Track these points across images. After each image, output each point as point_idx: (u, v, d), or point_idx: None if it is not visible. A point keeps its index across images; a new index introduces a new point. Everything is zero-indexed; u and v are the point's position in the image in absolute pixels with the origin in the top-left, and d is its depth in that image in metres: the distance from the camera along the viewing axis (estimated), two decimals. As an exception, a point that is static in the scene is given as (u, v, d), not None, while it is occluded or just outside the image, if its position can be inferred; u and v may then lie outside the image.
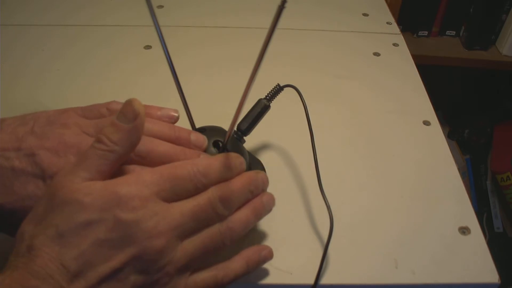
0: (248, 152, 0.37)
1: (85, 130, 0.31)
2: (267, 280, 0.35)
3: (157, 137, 0.32)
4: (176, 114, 0.35)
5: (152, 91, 0.52)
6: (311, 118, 0.40)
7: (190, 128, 0.37)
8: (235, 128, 0.35)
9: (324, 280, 0.35)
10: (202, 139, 0.34)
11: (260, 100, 0.39)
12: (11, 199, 0.29)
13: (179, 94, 0.35)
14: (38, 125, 0.31)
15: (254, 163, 0.39)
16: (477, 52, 1.07)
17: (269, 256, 0.33)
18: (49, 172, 0.29)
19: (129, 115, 0.28)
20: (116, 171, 0.29)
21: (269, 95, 0.39)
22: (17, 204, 0.30)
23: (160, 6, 0.68)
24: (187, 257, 0.28)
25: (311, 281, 0.34)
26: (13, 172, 0.30)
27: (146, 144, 0.31)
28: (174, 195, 0.28)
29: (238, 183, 0.31)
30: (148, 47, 0.59)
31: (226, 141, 0.34)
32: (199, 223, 0.29)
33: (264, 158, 0.44)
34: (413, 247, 0.37)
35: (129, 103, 0.28)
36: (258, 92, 0.38)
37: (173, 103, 0.38)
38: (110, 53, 0.58)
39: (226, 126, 0.34)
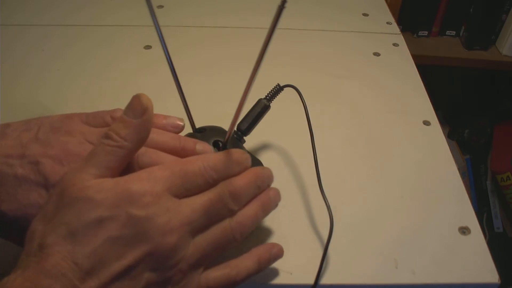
0: (248, 152, 0.37)
1: (89, 138, 0.31)
2: (267, 280, 0.35)
3: (163, 148, 0.32)
4: (181, 123, 0.35)
5: (152, 91, 0.51)
6: (311, 118, 0.40)
7: (190, 128, 0.37)
8: (235, 128, 0.35)
9: (324, 280, 0.35)
10: (208, 149, 0.33)
11: (260, 100, 0.39)
12: (13, 207, 0.29)
13: (179, 94, 0.35)
14: (43, 132, 0.31)
15: (254, 163, 0.39)
16: (477, 52, 1.07)
17: (280, 253, 0.33)
18: (52, 180, 0.29)
19: (137, 110, 0.28)
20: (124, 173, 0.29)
21: (269, 95, 0.39)
22: (19, 212, 0.29)
23: (160, 6, 0.68)
24: (199, 253, 0.28)
25: (311, 281, 0.34)
26: (16, 180, 0.29)
27: (152, 156, 0.30)
28: (185, 190, 0.28)
29: (246, 178, 0.31)
30: (148, 47, 0.59)
31: (226, 141, 0.34)
32: (210, 218, 0.29)
33: (264, 158, 0.44)
34: (413, 247, 0.37)
35: (137, 97, 0.28)
36: (258, 92, 0.38)
37: (173, 103, 0.38)
38: (110, 53, 0.58)
39: (226, 126, 0.34)
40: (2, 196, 0.29)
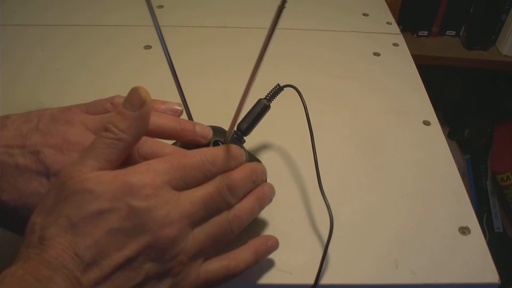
0: (248, 152, 0.37)
1: (89, 126, 0.32)
2: (267, 280, 0.35)
3: (163, 130, 0.32)
4: (180, 108, 0.35)
5: (152, 91, 0.51)
6: (311, 118, 0.40)
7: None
8: (235, 128, 0.35)
9: (324, 280, 0.35)
10: (207, 131, 0.34)
11: (260, 100, 0.39)
12: (14, 196, 0.29)
13: (179, 94, 0.35)
14: (43, 122, 0.31)
15: (251, 162, 0.39)
16: (477, 52, 1.07)
17: (275, 245, 0.34)
18: (53, 169, 0.29)
19: (135, 103, 0.28)
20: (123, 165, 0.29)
21: (269, 95, 0.39)
22: (20, 201, 0.29)
23: (160, 6, 0.68)
24: (198, 245, 0.29)
25: (311, 281, 0.34)
26: (17, 169, 0.30)
27: (152, 145, 0.31)
28: (184, 183, 0.29)
29: (242, 172, 0.31)
30: (148, 47, 0.59)
31: (226, 141, 0.34)
32: (209, 211, 0.29)
33: (264, 158, 0.44)
34: (413, 247, 0.37)
35: (135, 90, 0.28)
36: (258, 92, 0.38)
37: (173, 103, 0.38)
38: (110, 53, 0.58)
39: (226, 126, 0.34)
40: (3, 186, 0.29)
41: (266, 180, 0.35)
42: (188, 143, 0.34)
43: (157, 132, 0.32)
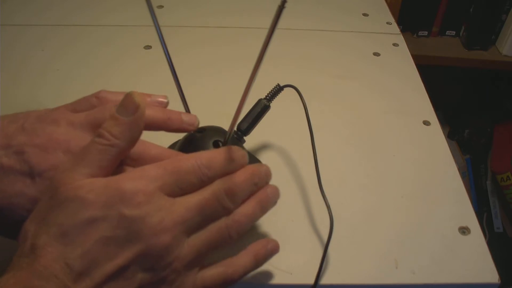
0: (248, 152, 0.37)
1: (75, 124, 0.31)
2: (267, 280, 0.35)
3: (149, 121, 0.32)
4: (165, 100, 0.35)
5: (152, 91, 0.51)
6: (311, 118, 0.40)
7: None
8: (235, 128, 0.35)
9: (324, 280, 0.35)
10: (193, 118, 0.34)
11: (260, 100, 0.39)
12: None
13: (179, 94, 0.35)
14: (28, 123, 0.31)
15: (253, 163, 0.39)
16: (477, 52, 1.07)
17: (275, 249, 0.33)
18: (38, 169, 0.29)
19: (130, 108, 0.28)
20: (115, 171, 0.29)
21: (269, 95, 0.39)
22: (4, 201, 0.29)
23: (160, 6, 0.68)
24: (194, 253, 0.28)
25: (311, 281, 0.34)
26: (1, 170, 0.29)
27: (138, 146, 0.30)
28: (179, 189, 0.28)
29: (242, 175, 0.30)
30: (148, 47, 0.59)
31: (226, 141, 0.34)
32: (205, 217, 0.28)
33: (264, 158, 0.44)
34: (413, 247, 0.37)
35: (129, 95, 0.28)
36: (258, 92, 0.38)
37: (173, 103, 0.38)
38: (110, 53, 0.58)
39: (226, 126, 0.34)
40: None
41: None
42: (176, 132, 0.34)
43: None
